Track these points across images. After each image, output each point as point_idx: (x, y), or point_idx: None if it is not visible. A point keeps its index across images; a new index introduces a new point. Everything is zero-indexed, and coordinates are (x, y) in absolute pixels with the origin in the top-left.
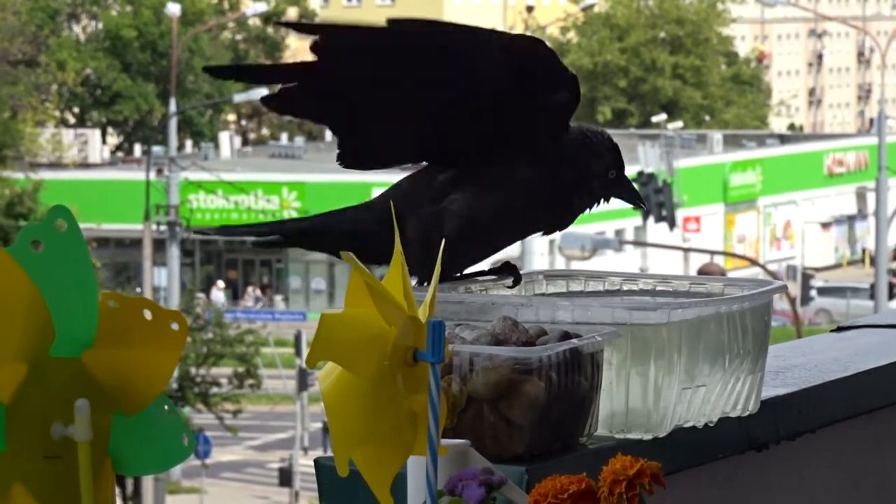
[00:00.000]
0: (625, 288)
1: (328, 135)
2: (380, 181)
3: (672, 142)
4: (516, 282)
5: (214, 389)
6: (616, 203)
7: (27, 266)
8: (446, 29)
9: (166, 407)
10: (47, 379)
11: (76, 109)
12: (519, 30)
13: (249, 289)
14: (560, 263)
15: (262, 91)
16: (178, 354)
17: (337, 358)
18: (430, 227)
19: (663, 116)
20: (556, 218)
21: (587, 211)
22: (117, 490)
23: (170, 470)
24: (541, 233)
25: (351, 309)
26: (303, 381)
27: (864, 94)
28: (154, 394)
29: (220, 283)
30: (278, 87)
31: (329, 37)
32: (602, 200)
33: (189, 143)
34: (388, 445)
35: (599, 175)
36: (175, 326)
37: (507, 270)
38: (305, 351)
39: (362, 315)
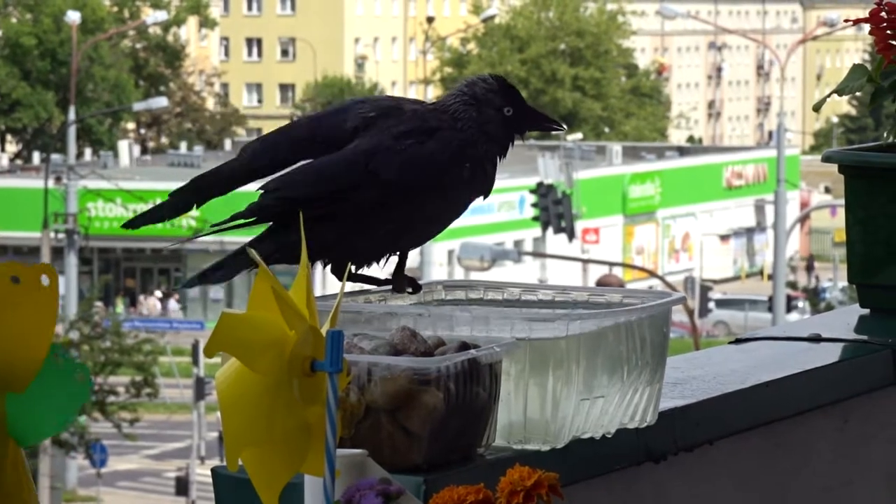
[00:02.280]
0: (524, 299)
1: (227, 143)
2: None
3: (571, 153)
4: (415, 292)
5: (111, 398)
6: (515, 214)
7: None
8: None
9: (55, 355)
10: None
11: None
12: (419, 41)
13: (142, 297)
14: (459, 274)
15: (162, 100)
16: (54, 310)
17: (235, 353)
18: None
19: None
20: (477, 186)
21: (502, 157)
22: None
23: (66, 477)
24: (475, 201)
25: (253, 312)
26: (200, 391)
27: (764, 106)
28: (39, 360)
29: (158, 293)
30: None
31: None
32: (512, 141)
33: (88, 152)
34: (279, 452)
35: (492, 120)
36: (45, 281)
37: (406, 281)
38: (203, 360)
39: (264, 318)
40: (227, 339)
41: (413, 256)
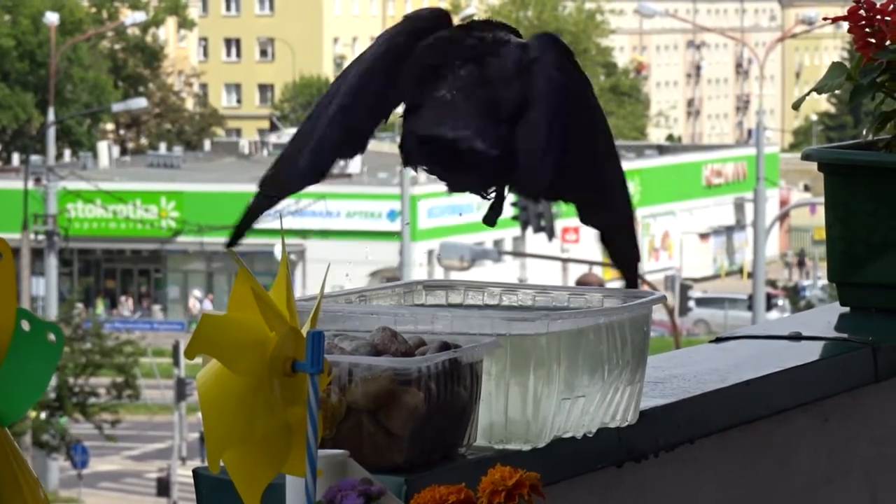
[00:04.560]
0: (504, 298)
1: (206, 144)
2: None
3: None
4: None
5: (93, 399)
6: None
7: None
8: None
9: (24, 322)
10: None
11: None
12: None
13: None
14: (439, 274)
15: (142, 101)
16: (12, 284)
17: (216, 354)
18: None
19: None
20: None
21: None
22: None
23: (47, 478)
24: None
25: (234, 313)
26: (181, 391)
27: (743, 105)
28: (5, 340)
29: (197, 292)
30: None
31: None
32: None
33: (67, 153)
34: (261, 453)
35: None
36: None
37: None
38: (184, 362)
39: (245, 319)
40: (208, 340)
41: (392, 257)
